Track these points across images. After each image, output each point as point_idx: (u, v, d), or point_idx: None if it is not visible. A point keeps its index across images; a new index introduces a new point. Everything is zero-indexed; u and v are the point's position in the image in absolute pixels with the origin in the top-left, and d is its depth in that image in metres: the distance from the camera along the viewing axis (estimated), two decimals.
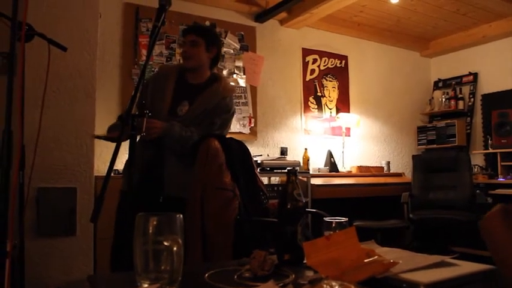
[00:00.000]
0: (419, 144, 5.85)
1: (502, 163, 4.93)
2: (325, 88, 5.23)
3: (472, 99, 5.62)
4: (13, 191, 1.51)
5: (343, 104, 5.34)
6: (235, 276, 1.02)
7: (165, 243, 0.87)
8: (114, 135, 2.21)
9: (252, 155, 2.77)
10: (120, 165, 3.03)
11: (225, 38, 4.55)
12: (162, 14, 1.54)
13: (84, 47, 2.99)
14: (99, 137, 2.27)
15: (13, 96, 1.42)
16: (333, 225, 1.23)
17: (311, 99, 5.11)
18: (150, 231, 0.88)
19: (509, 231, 0.81)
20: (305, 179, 4.12)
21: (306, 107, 5.05)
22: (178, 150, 2.22)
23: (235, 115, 4.38)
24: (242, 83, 4.61)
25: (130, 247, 0.90)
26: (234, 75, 4.57)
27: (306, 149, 4.67)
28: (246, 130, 4.57)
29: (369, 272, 0.98)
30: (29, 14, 1.69)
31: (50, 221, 2.85)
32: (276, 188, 4.05)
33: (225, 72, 4.51)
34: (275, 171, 4.10)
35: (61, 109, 2.88)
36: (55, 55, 2.31)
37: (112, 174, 1.53)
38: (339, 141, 5.09)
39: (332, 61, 5.31)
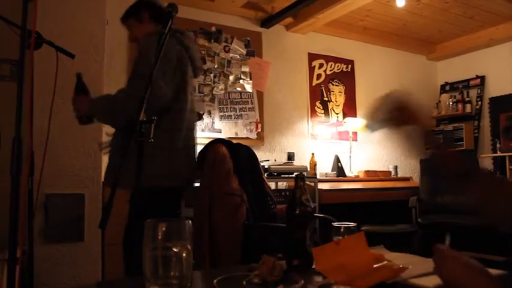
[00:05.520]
0: (427, 148, 5.81)
1: (511, 167, 4.89)
2: (331, 93, 5.22)
3: (480, 103, 5.58)
4: (22, 197, 1.52)
5: (349, 109, 5.33)
6: (244, 282, 1.02)
7: (174, 249, 0.87)
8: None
9: (259, 160, 2.78)
10: None
11: (231, 44, 4.56)
12: (169, 20, 1.54)
13: (91, 53, 3.02)
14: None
15: (22, 103, 1.44)
16: (342, 230, 1.23)
17: (318, 104, 5.10)
18: (159, 237, 0.88)
19: (462, 268, 0.83)
20: (312, 184, 4.11)
21: (313, 112, 5.05)
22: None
23: (241, 120, 4.47)
24: (248, 88, 4.61)
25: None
26: (241, 81, 4.58)
27: (313, 153, 4.66)
28: (253, 135, 4.57)
29: (378, 278, 0.97)
30: (37, 22, 1.71)
31: (59, 227, 2.86)
32: (283, 193, 4.05)
33: (231, 78, 4.53)
34: (282, 176, 4.10)
35: (69, 116, 2.88)
36: (63, 62, 2.33)
37: None
38: (346, 145, 5.08)
39: (338, 66, 5.31)
